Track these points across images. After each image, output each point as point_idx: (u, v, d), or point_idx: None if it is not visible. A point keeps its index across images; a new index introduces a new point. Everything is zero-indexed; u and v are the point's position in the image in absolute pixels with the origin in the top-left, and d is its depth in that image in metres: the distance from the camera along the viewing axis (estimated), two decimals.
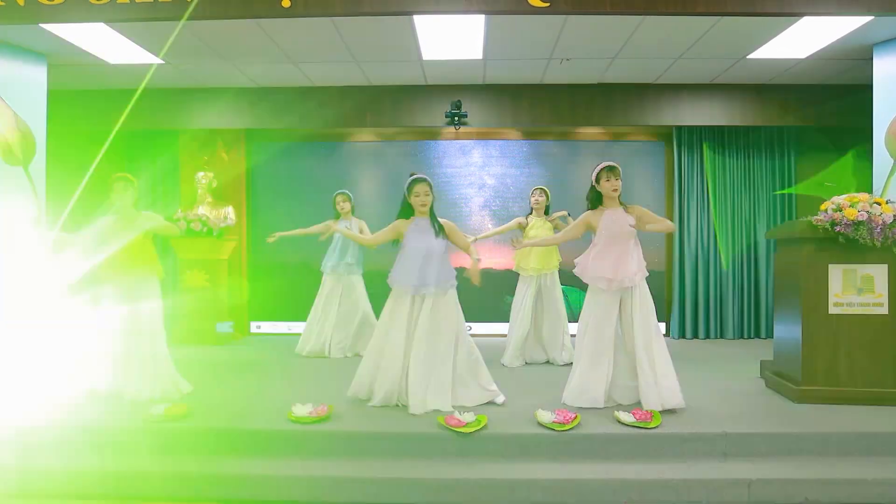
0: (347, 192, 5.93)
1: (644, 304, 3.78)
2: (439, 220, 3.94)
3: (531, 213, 5.50)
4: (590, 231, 3.93)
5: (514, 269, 5.49)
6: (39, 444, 3.38)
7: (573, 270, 3.94)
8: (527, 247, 4.71)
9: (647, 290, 3.83)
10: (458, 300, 3.96)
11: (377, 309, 4.66)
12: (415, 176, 3.91)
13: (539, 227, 5.37)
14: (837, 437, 3.29)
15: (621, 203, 3.87)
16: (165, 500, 3.06)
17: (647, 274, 3.84)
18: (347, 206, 5.86)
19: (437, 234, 3.87)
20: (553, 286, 5.39)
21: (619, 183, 3.79)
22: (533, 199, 5.44)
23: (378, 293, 4.88)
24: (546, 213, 5.48)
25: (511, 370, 5.10)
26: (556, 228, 5.34)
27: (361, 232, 5.73)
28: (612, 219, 3.79)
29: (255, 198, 7.47)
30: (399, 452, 3.29)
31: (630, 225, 3.74)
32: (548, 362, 5.37)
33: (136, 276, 4.02)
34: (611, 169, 3.79)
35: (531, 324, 5.36)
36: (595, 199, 3.89)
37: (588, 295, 3.90)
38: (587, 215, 3.90)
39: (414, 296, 3.84)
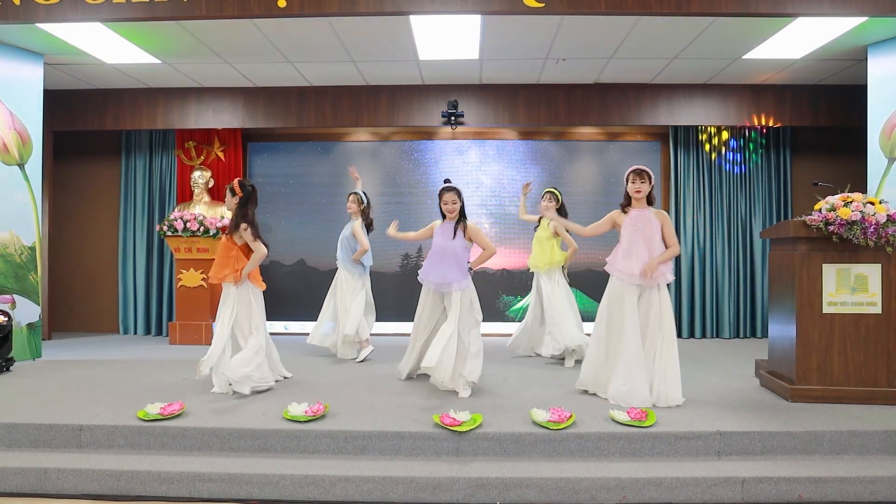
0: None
1: (662, 305, 3.89)
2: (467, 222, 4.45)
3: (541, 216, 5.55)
4: (616, 229, 4.11)
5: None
6: (37, 442, 3.40)
7: (605, 267, 4.07)
8: (563, 230, 5.22)
9: (667, 293, 3.95)
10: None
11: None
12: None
13: (542, 230, 5.47)
14: (831, 435, 3.30)
15: (649, 205, 4.04)
16: (162, 499, 3.07)
17: (673, 278, 3.96)
18: (354, 206, 5.61)
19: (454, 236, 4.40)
20: (552, 283, 5.40)
21: (645, 185, 3.99)
22: (542, 205, 5.49)
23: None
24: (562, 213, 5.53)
25: (504, 368, 5.10)
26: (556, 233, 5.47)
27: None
28: (635, 218, 3.99)
29: None
30: (394, 451, 3.30)
31: (653, 225, 3.93)
32: (547, 355, 5.42)
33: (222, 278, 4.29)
34: (637, 172, 4.02)
35: (535, 318, 5.46)
36: (626, 200, 4.09)
37: (608, 287, 4.04)
38: (613, 214, 4.13)
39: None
